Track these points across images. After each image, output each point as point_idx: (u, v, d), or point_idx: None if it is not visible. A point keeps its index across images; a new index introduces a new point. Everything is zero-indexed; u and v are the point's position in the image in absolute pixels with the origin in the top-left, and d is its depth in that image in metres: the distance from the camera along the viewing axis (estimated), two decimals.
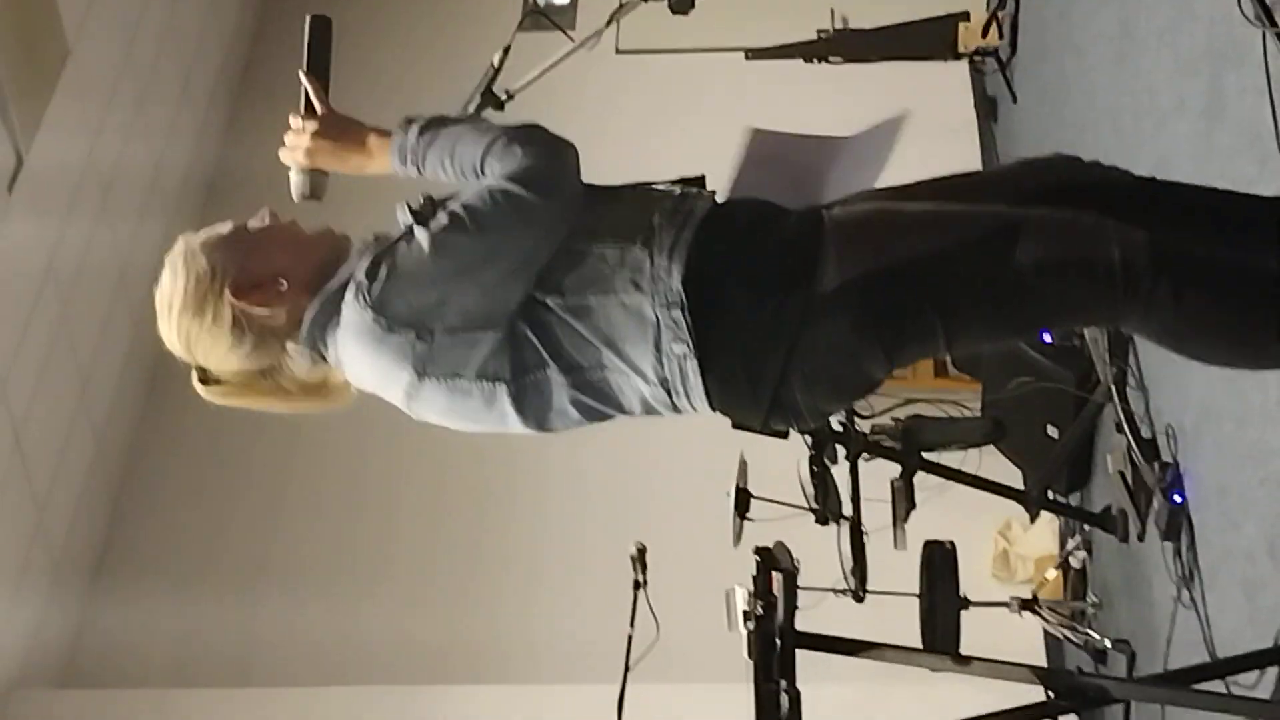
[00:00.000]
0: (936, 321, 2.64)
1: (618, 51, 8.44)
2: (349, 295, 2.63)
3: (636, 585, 5.32)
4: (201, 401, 2.89)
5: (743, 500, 5.46)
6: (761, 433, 3.26)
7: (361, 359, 2.70)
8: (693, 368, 2.65)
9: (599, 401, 2.77)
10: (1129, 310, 2.63)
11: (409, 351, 2.63)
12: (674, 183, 2.85)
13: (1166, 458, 5.00)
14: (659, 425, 7.26)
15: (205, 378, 2.85)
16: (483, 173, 2.65)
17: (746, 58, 8.44)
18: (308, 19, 2.88)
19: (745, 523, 5.49)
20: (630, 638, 5.16)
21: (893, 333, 2.65)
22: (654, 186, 2.84)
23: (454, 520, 7.84)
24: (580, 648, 6.72)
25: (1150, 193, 2.93)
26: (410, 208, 2.68)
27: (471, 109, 4.89)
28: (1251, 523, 4.19)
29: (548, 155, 2.64)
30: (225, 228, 2.81)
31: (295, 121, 2.84)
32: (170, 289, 2.78)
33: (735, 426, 4.33)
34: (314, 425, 8.08)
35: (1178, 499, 4.84)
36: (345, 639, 7.34)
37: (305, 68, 2.86)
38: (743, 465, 5.54)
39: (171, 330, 2.80)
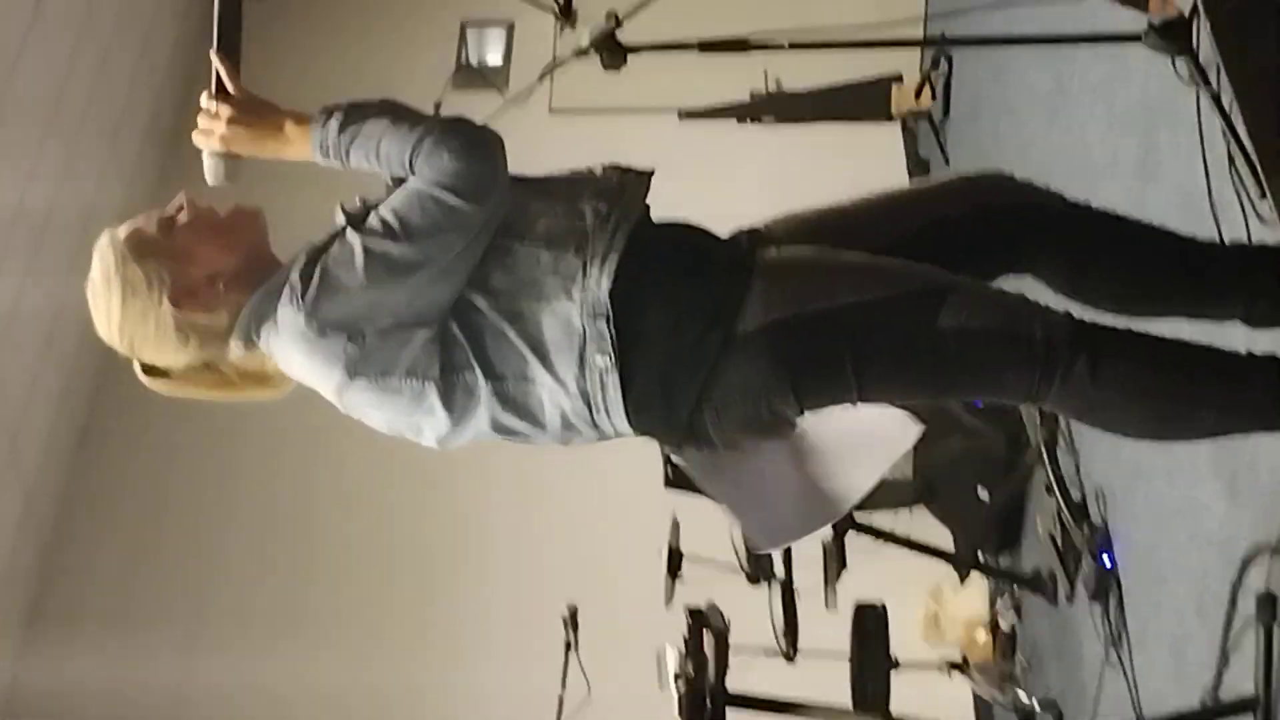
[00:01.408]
0: (850, 373, 2.65)
1: (551, 111, 8.45)
2: (284, 296, 2.63)
3: (568, 646, 5.30)
4: (137, 450, 2.88)
5: (675, 560, 5.46)
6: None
7: (295, 358, 2.70)
8: (613, 382, 2.66)
9: (517, 415, 2.75)
10: (1046, 384, 2.63)
11: (341, 354, 2.64)
12: (613, 170, 2.86)
13: (1096, 519, 5.02)
14: (592, 483, 7.27)
15: (149, 370, 2.84)
16: (411, 171, 2.62)
17: (680, 118, 8.47)
18: None
19: (677, 582, 5.48)
20: (561, 699, 5.14)
21: (806, 379, 2.67)
22: (586, 177, 2.85)
23: (388, 576, 7.82)
24: (512, 709, 6.69)
25: (1078, 216, 2.95)
26: (344, 209, 2.69)
27: None
28: (1180, 581, 4.21)
29: (476, 156, 2.60)
30: (150, 226, 2.76)
31: (207, 102, 2.77)
32: (106, 300, 2.76)
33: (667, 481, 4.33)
34: (255, 474, 8.10)
35: (1107, 560, 4.86)
36: (278, 692, 7.31)
37: (215, 46, 2.78)
38: (675, 525, 5.54)
39: (114, 336, 2.78)
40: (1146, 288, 2.94)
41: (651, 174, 2.86)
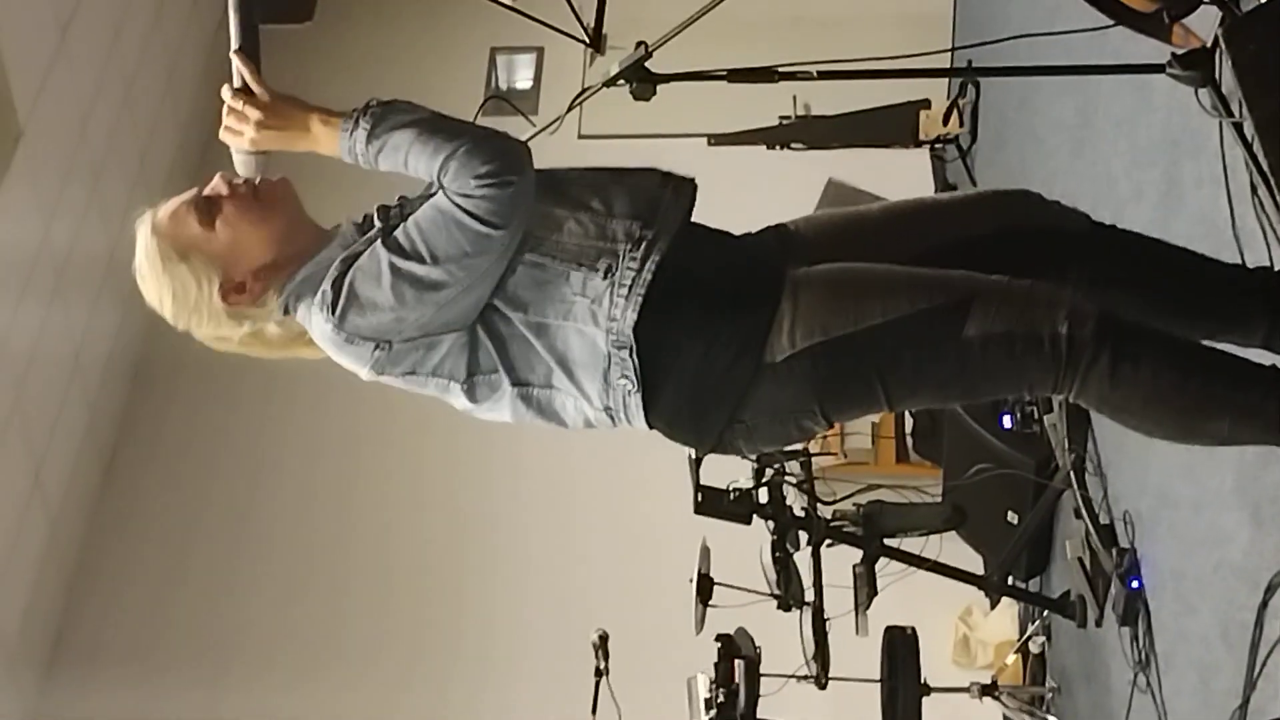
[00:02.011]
0: (880, 390, 2.72)
1: (580, 136, 8.48)
2: (316, 300, 2.71)
3: (598, 673, 5.31)
4: (163, 482, 2.93)
5: (705, 587, 5.46)
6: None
7: (326, 348, 2.80)
8: (636, 402, 2.73)
9: (540, 415, 2.84)
10: (1069, 381, 2.67)
11: (368, 357, 2.74)
12: (654, 181, 2.88)
13: (1124, 543, 5.02)
14: (622, 510, 7.28)
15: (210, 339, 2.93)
16: (439, 183, 2.63)
17: (709, 144, 8.49)
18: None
19: (708, 609, 5.49)
20: None
21: (835, 400, 2.74)
22: (625, 186, 2.84)
23: (419, 605, 7.81)
24: None
25: (1104, 237, 2.98)
26: (381, 214, 2.76)
27: None
28: (1207, 607, 4.21)
29: (503, 181, 2.58)
30: (190, 219, 2.79)
31: (230, 97, 2.78)
32: (155, 292, 2.83)
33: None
34: (284, 505, 8.10)
35: (1135, 585, 4.86)
36: None
37: (236, 47, 2.80)
38: (705, 551, 5.55)
39: (172, 320, 2.86)
40: (1170, 309, 2.96)
41: (694, 188, 2.90)
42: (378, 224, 2.74)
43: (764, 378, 2.69)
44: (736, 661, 4.37)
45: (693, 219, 2.87)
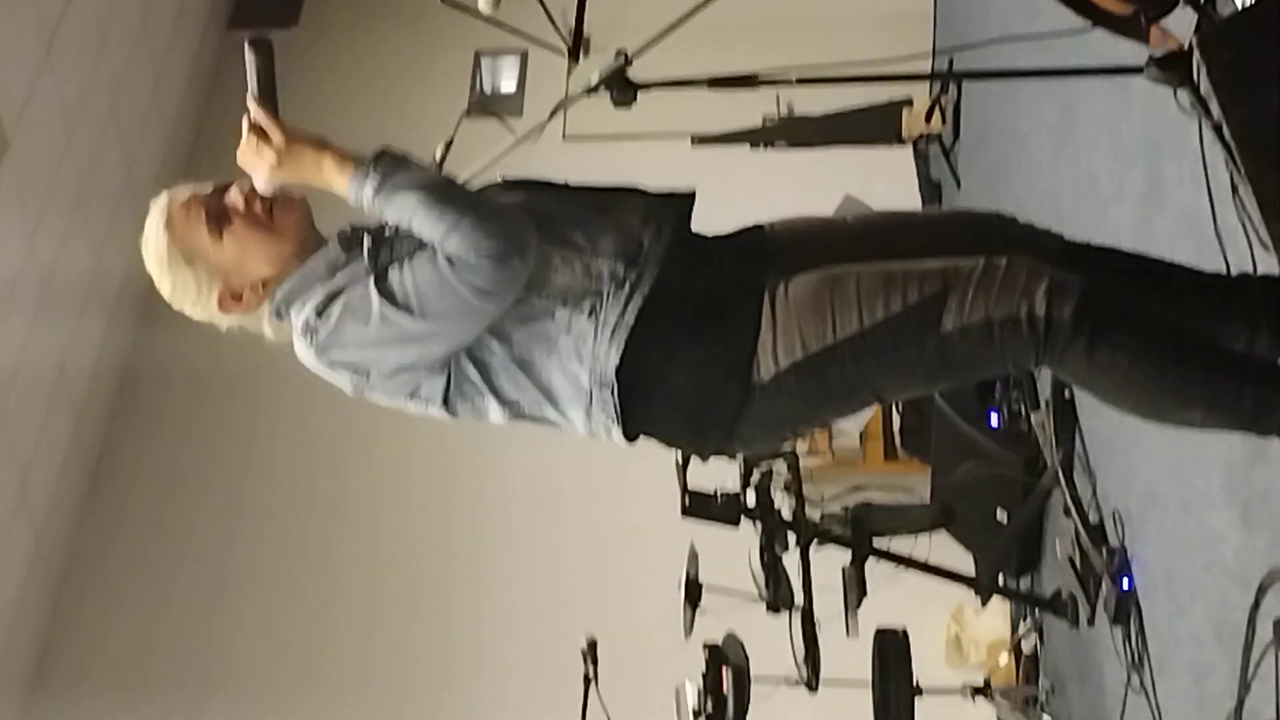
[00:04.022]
0: (868, 391, 2.79)
1: (564, 138, 8.47)
2: (299, 325, 2.77)
3: (587, 680, 5.29)
4: (149, 498, 2.94)
5: (693, 591, 5.45)
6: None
7: (308, 367, 2.84)
8: (617, 434, 2.80)
9: (532, 424, 2.91)
10: (1045, 359, 2.68)
11: (349, 381, 2.81)
12: (658, 194, 2.91)
13: (1114, 542, 5.01)
14: (610, 514, 7.27)
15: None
16: (443, 248, 2.64)
17: (693, 144, 8.49)
18: (246, 44, 2.76)
19: (697, 613, 5.47)
20: None
21: (826, 406, 2.82)
22: (611, 220, 2.84)
23: (407, 613, 7.81)
24: None
25: (1076, 257, 2.96)
26: (368, 245, 2.76)
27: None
28: (1199, 607, 4.20)
29: (506, 258, 2.63)
30: (201, 223, 2.81)
31: (247, 133, 2.76)
32: (158, 278, 2.88)
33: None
34: (270, 523, 8.07)
35: (1126, 584, 4.85)
36: None
37: (255, 92, 2.78)
38: (693, 555, 5.53)
39: (164, 296, 2.91)
40: None
41: (686, 205, 2.92)
42: (366, 258, 2.74)
43: (754, 397, 2.72)
44: (725, 669, 4.35)
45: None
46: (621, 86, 3.35)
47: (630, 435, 2.80)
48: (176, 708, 7.48)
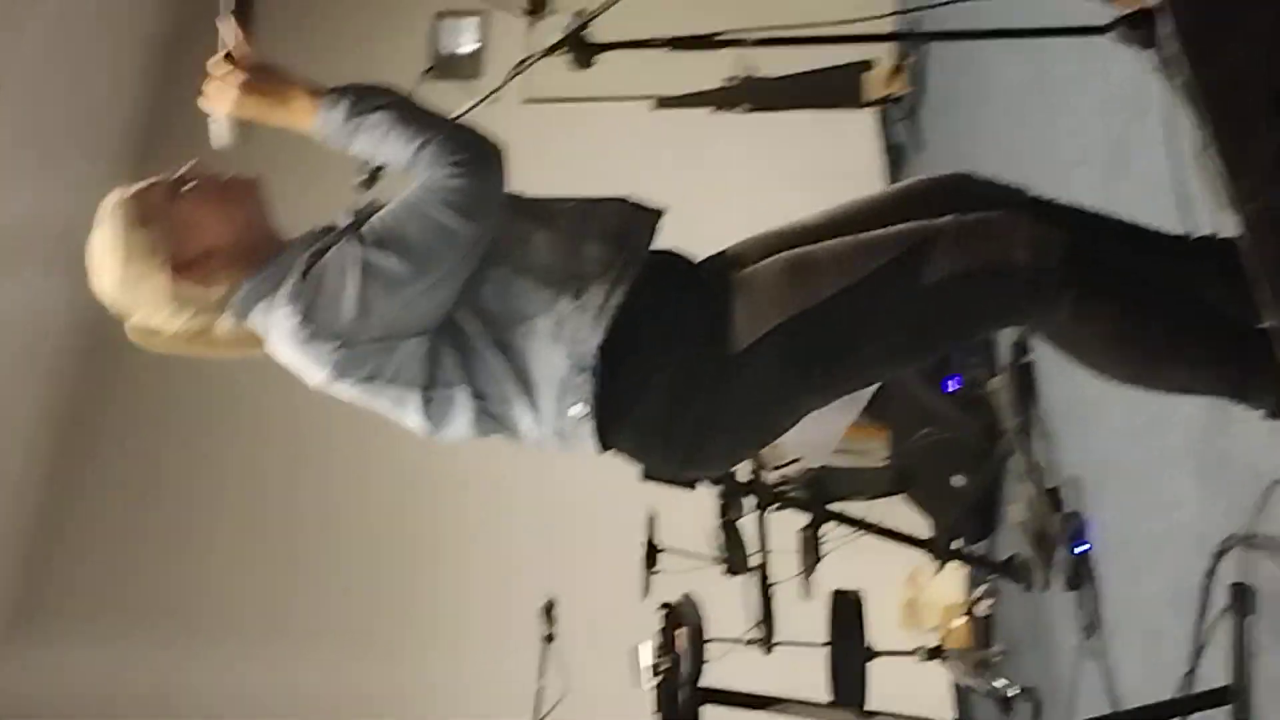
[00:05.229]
0: (849, 359, 2.71)
1: (525, 101, 8.42)
2: (280, 296, 2.69)
3: (546, 639, 5.29)
4: (121, 445, 2.90)
5: (652, 553, 5.45)
6: (672, 483, 3.29)
7: (284, 350, 2.77)
8: (589, 428, 2.72)
9: (496, 428, 2.83)
10: (1031, 310, 2.69)
11: (329, 358, 2.69)
12: (621, 209, 2.86)
13: (1070, 508, 5.02)
14: (569, 476, 7.29)
15: (141, 330, 2.89)
16: (415, 166, 2.63)
17: (655, 106, 8.45)
18: None
19: (655, 575, 5.48)
20: (539, 691, 5.14)
21: (806, 379, 2.71)
22: (593, 212, 2.83)
23: (368, 572, 7.82)
24: (490, 702, 6.69)
25: (1042, 213, 2.95)
26: (351, 211, 2.75)
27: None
28: (1155, 573, 4.21)
29: (477, 173, 2.62)
30: (157, 191, 2.79)
31: (216, 67, 2.76)
32: (109, 259, 2.78)
33: (646, 477, 4.35)
34: (241, 470, 8.09)
35: (1081, 549, 4.86)
36: (244, 687, 7.35)
37: (230, 9, 2.76)
38: (651, 519, 5.53)
39: (112, 295, 2.82)
40: None
41: (660, 215, 2.87)
42: (345, 221, 2.73)
43: (731, 371, 2.67)
44: (680, 630, 4.35)
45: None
46: (580, 48, 3.34)
47: (601, 427, 2.72)
48: (152, 642, 7.60)
